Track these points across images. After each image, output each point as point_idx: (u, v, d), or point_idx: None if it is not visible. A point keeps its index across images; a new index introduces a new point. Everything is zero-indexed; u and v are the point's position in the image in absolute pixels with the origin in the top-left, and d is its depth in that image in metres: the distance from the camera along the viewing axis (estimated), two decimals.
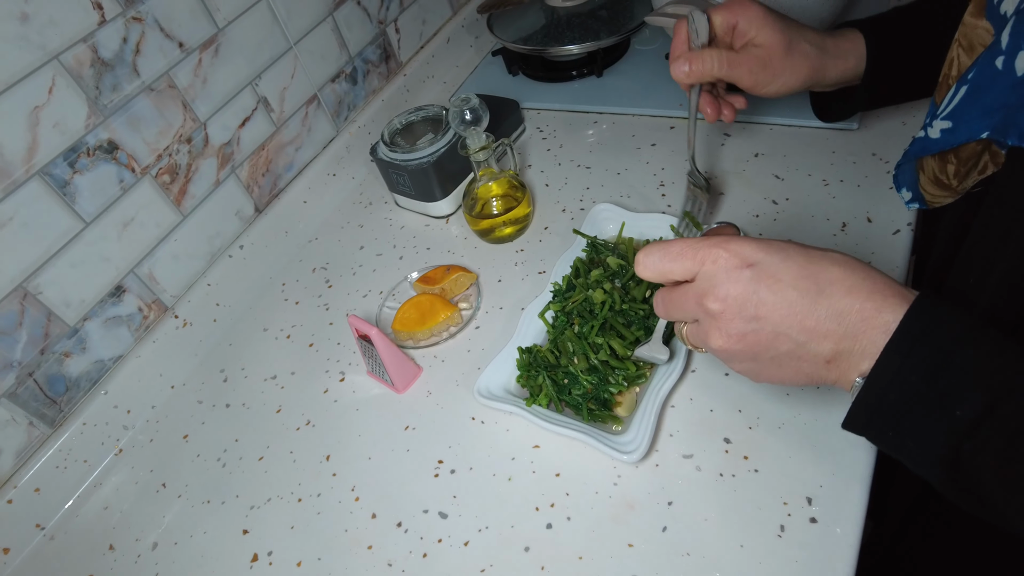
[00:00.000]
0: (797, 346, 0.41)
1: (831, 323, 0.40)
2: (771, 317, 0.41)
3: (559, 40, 1.02)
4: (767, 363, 0.43)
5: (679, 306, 0.45)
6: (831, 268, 0.40)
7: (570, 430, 0.59)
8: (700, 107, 0.66)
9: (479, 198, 0.83)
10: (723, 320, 0.42)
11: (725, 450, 0.58)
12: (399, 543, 0.59)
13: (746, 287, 0.41)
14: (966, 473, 0.37)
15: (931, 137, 0.48)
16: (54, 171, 0.67)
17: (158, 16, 0.73)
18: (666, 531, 0.54)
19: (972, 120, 0.43)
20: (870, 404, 0.40)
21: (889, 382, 0.39)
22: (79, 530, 0.70)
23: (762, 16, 0.60)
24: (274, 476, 0.68)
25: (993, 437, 0.35)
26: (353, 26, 0.99)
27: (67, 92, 0.67)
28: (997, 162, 0.47)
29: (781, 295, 0.40)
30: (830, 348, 0.40)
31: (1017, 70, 0.40)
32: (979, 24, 0.45)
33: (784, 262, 0.41)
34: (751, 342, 0.42)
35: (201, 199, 0.82)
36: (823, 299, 0.40)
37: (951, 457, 0.37)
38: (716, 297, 0.42)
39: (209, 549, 0.64)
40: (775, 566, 0.51)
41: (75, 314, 0.72)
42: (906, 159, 0.53)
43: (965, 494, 0.39)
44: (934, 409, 0.37)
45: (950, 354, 0.37)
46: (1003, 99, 0.41)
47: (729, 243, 0.42)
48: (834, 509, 0.52)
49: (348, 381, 0.74)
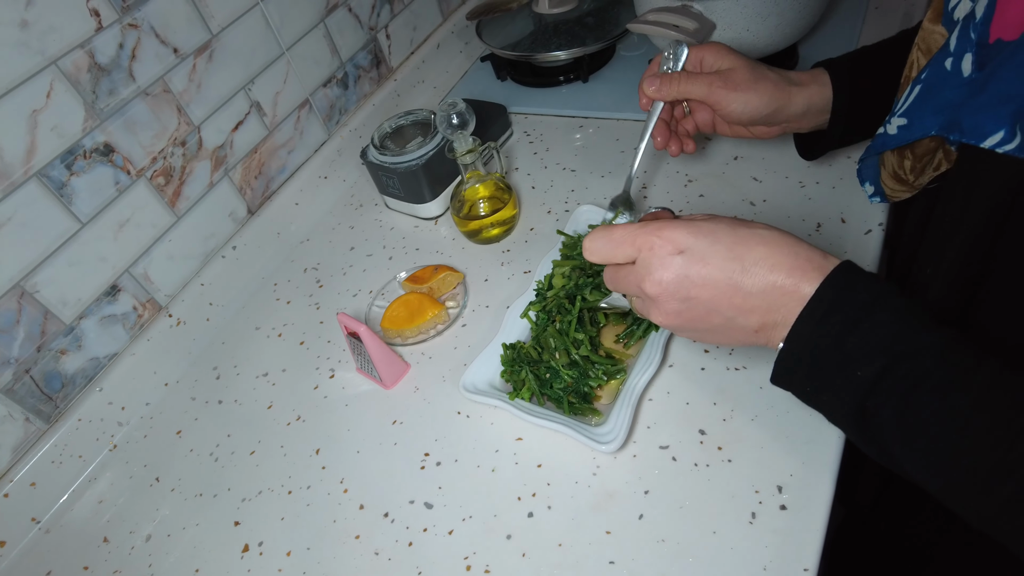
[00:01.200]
0: (727, 320, 0.46)
1: (756, 299, 0.44)
2: (701, 296, 0.45)
3: (546, 46, 1.04)
4: (704, 332, 0.48)
5: (624, 285, 0.50)
6: (756, 248, 0.44)
7: (551, 422, 0.61)
8: (653, 133, 0.68)
9: (467, 200, 0.85)
10: (660, 301, 0.47)
11: (700, 441, 0.60)
12: (386, 533, 0.61)
13: (677, 272, 0.45)
14: (871, 426, 0.41)
15: (889, 133, 0.50)
16: (52, 173, 0.69)
17: (154, 23, 0.75)
18: (642, 519, 0.56)
19: (924, 117, 0.46)
20: (789, 365, 0.45)
21: (803, 345, 0.43)
22: (74, 523, 0.72)
23: (729, 51, 0.64)
24: (265, 470, 0.70)
25: (890, 394, 0.39)
26: (345, 32, 1.01)
27: (65, 96, 0.69)
28: (950, 160, 0.50)
29: (710, 277, 0.44)
30: (756, 320, 0.45)
31: (963, 71, 0.43)
32: (936, 29, 0.48)
33: (712, 246, 0.44)
34: (687, 318, 0.47)
35: (195, 201, 0.84)
36: (748, 278, 0.44)
37: (858, 412, 0.41)
38: (652, 282, 0.46)
39: (202, 540, 0.66)
40: (746, 551, 0.53)
41: (71, 312, 0.74)
42: (868, 154, 0.56)
43: (872, 445, 0.43)
44: (842, 369, 0.41)
45: (856, 321, 0.40)
46: (951, 98, 0.43)
47: (663, 230, 0.46)
48: (803, 497, 0.55)
49: (338, 378, 0.76)
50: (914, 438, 0.39)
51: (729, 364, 0.65)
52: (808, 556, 0.51)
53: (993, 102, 0.39)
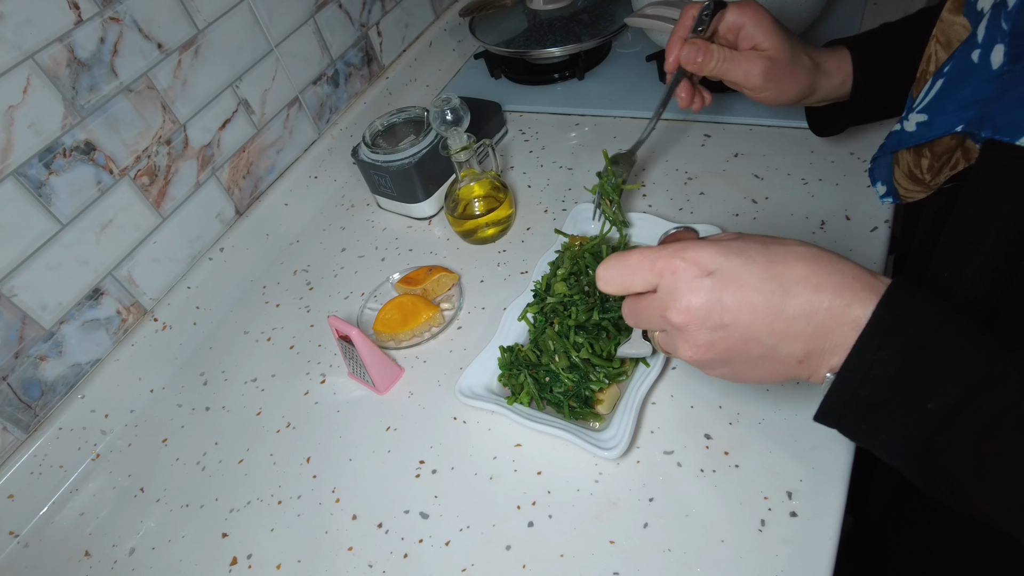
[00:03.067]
0: (768, 349, 0.40)
1: (800, 324, 0.39)
2: (738, 323, 0.40)
3: (541, 43, 1.02)
4: (740, 367, 0.42)
5: (645, 318, 0.44)
6: (796, 266, 0.39)
7: (552, 428, 0.59)
8: (676, 91, 0.66)
9: (461, 199, 0.83)
10: (689, 332, 0.41)
11: (706, 446, 0.58)
12: (380, 544, 0.59)
13: (708, 296, 0.40)
14: (939, 466, 0.37)
15: (907, 131, 0.48)
16: (29, 172, 0.66)
17: (136, 17, 0.73)
18: (647, 527, 0.54)
19: (948, 113, 0.44)
20: (842, 398, 0.39)
21: (862, 376, 0.38)
22: (54, 537, 0.69)
23: (771, 23, 0.61)
24: (254, 479, 0.67)
25: (966, 430, 0.35)
26: (335, 29, 0.99)
27: (43, 92, 0.66)
28: (969, 158, 0.47)
29: (745, 300, 0.39)
30: (801, 348, 0.40)
31: (992, 63, 0.40)
32: (956, 20, 0.46)
33: (745, 265, 0.40)
34: (721, 349, 0.41)
35: (181, 201, 0.82)
36: (790, 300, 0.39)
37: (924, 450, 0.37)
38: (678, 310, 0.41)
39: (188, 553, 0.64)
40: (756, 561, 0.51)
41: (51, 317, 0.71)
42: (882, 153, 0.53)
43: (938, 486, 0.38)
44: (907, 402, 0.37)
45: (922, 346, 0.36)
46: (979, 92, 0.41)
47: (686, 251, 0.41)
48: (814, 503, 0.53)
49: (329, 383, 0.74)
50: (994, 477, 0.35)
51: None
52: (820, 565, 0.49)
53: None
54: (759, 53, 0.61)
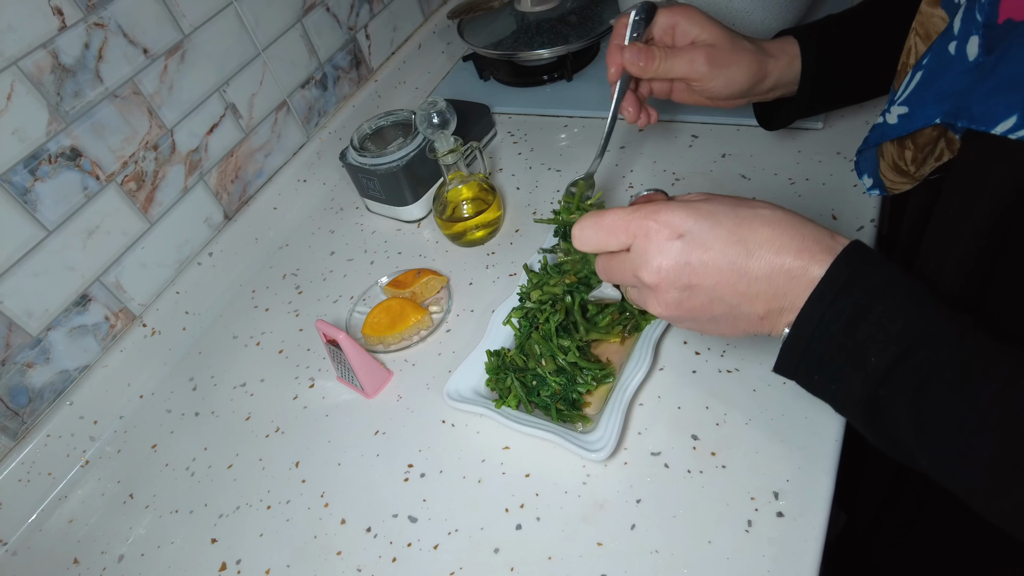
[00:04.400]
0: (730, 308, 0.43)
1: (761, 285, 0.41)
2: (703, 284, 0.42)
3: (529, 45, 1.02)
4: (706, 323, 0.45)
5: (618, 275, 0.47)
6: (761, 229, 0.41)
7: (539, 430, 0.59)
8: (622, 107, 0.65)
9: (449, 202, 0.83)
10: (659, 291, 0.44)
11: (693, 447, 0.58)
12: (368, 548, 0.59)
13: (677, 258, 0.42)
14: (883, 418, 0.39)
15: (889, 123, 0.48)
16: (14, 178, 0.66)
17: (121, 22, 0.72)
18: (635, 529, 0.54)
19: (927, 105, 0.44)
20: (796, 351, 0.42)
21: (812, 330, 0.40)
22: (43, 545, 0.68)
23: (703, 17, 0.61)
24: (243, 484, 0.67)
25: (904, 386, 0.37)
26: (323, 32, 0.99)
27: (27, 99, 0.66)
28: (952, 149, 0.48)
29: (712, 263, 0.42)
30: (762, 307, 0.42)
31: (968, 55, 0.41)
32: (935, 12, 0.46)
33: (713, 229, 0.42)
34: (687, 308, 0.44)
35: (169, 206, 0.82)
36: (753, 262, 0.41)
37: (869, 401, 0.39)
38: (650, 271, 0.43)
39: (177, 559, 0.63)
40: (743, 561, 0.51)
41: (38, 324, 0.71)
42: (866, 145, 0.54)
43: (883, 438, 0.41)
44: (853, 356, 0.39)
45: (869, 305, 0.38)
46: (956, 84, 0.42)
47: (659, 214, 0.43)
48: (801, 503, 0.53)
49: (318, 387, 0.74)
50: (929, 432, 0.37)
51: (721, 366, 0.63)
52: (807, 565, 0.49)
53: (1004, 86, 0.37)
54: (698, 44, 0.60)
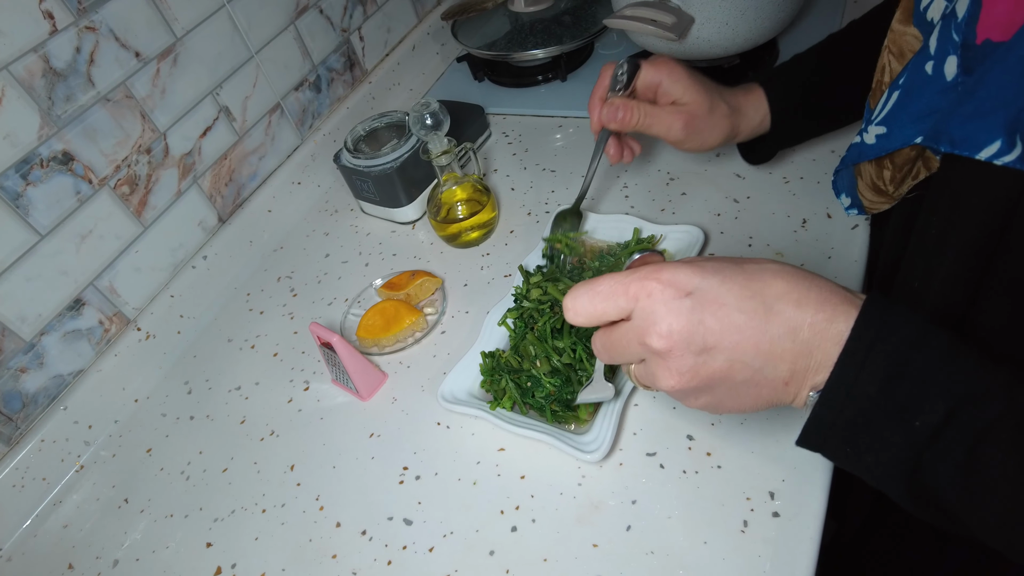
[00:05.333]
0: (754, 372, 0.38)
1: (785, 342, 0.37)
2: (722, 346, 0.37)
3: (523, 45, 1.02)
4: (724, 394, 0.40)
5: (621, 349, 0.41)
6: (774, 282, 0.37)
7: (534, 432, 0.59)
8: (606, 148, 0.68)
9: (444, 203, 0.83)
10: (671, 358, 0.38)
11: (688, 447, 0.58)
12: (364, 551, 0.59)
13: (689, 318, 0.37)
14: (927, 485, 0.35)
15: (867, 143, 0.48)
16: (6, 183, 0.66)
17: (112, 26, 0.72)
18: (630, 530, 0.54)
19: (905, 125, 0.43)
20: (826, 420, 0.38)
21: (846, 395, 0.36)
22: (37, 550, 0.68)
23: (687, 77, 0.61)
24: (238, 488, 0.67)
25: (953, 446, 0.34)
26: (316, 35, 0.98)
27: (18, 103, 0.66)
28: (930, 167, 0.47)
29: (729, 320, 0.37)
30: (787, 369, 0.38)
31: (946, 75, 0.40)
32: (907, 31, 0.46)
33: (724, 283, 0.37)
34: (704, 376, 0.38)
35: (162, 210, 0.81)
36: (773, 317, 0.37)
37: (911, 470, 0.35)
38: (659, 334, 0.38)
39: (172, 564, 0.63)
40: (739, 561, 0.51)
41: (31, 329, 0.71)
42: (843, 165, 0.53)
43: (926, 506, 0.37)
44: (892, 420, 0.35)
45: (906, 361, 0.35)
46: (934, 104, 0.41)
47: (661, 272, 0.38)
48: (796, 503, 0.53)
49: (313, 390, 0.73)
50: (981, 496, 0.34)
51: None
52: (803, 564, 0.49)
53: (985, 109, 0.36)
54: (679, 108, 0.61)
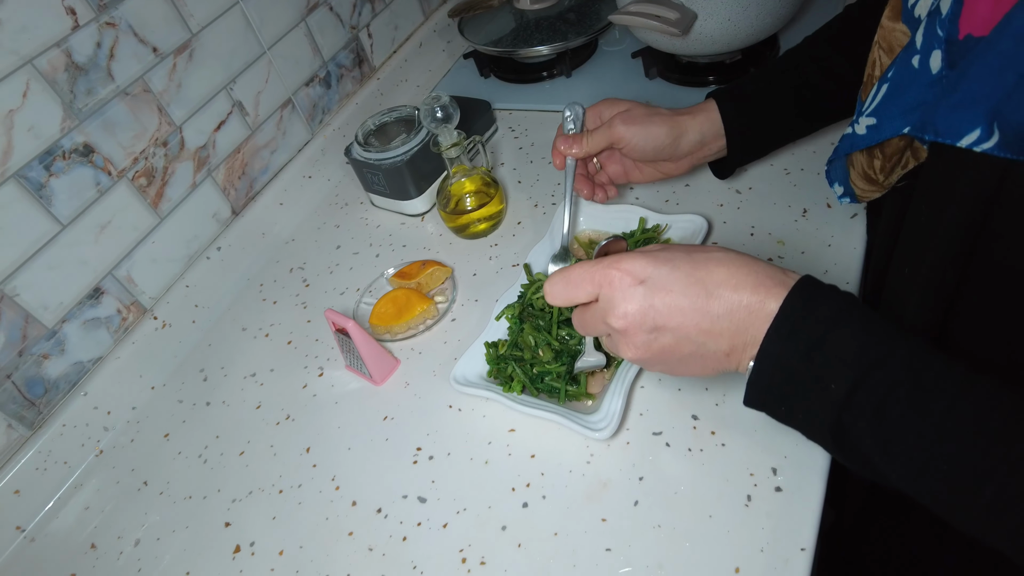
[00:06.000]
0: (698, 347, 0.45)
1: (723, 322, 0.43)
2: (668, 325, 0.44)
3: (528, 42, 1.04)
4: (675, 364, 0.47)
5: (591, 326, 0.49)
6: (716, 270, 0.44)
7: (544, 412, 0.61)
8: (576, 188, 0.73)
9: (453, 195, 0.85)
10: (628, 335, 0.46)
11: (693, 426, 0.60)
12: (379, 528, 0.61)
13: (641, 302, 0.44)
14: (850, 440, 0.41)
15: (858, 134, 0.50)
16: (29, 174, 0.68)
17: (132, 22, 0.74)
18: (638, 505, 0.56)
19: (894, 117, 0.46)
20: (760, 385, 0.44)
21: (773, 364, 0.42)
22: (60, 531, 0.70)
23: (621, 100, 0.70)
24: (255, 470, 0.69)
25: (864, 406, 0.39)
26: (326, 31, 1.01)
27: (41, 96, 0.68)
28: (918, 157, 0.50)
29: (674, 304, 0.44)
30: (726, 343, 0.44)
31: (932, 69, 0.42)
32: (896, 27, 0.48)
33: (672, 272, 0.44)
34: (656, 349, 0.46)
35: (178, 202, 0.83)
36: (713, 301, 0.43)
37: (834, 427, 0.41)
38: (616, 315, 0.45)
39: (192, 543, 0.65)
40: (743, 534, 0.53)
41: (53, 316, 0.73)
42: (836, 155, 0.56)
43: (854, 460, 0.42)
44: (813, 385, 0.41)
45: (824, 335, 0.40)
46: (921, 96, 0.43)
47: (621, 263, 0.45)
48: (798, 477, 0.55)
49: (327, 376, 0.75)
50: (891, 448, 0.39)
51: None
52: (805, 536, 0.51)
53: (967, 100, 0.39)
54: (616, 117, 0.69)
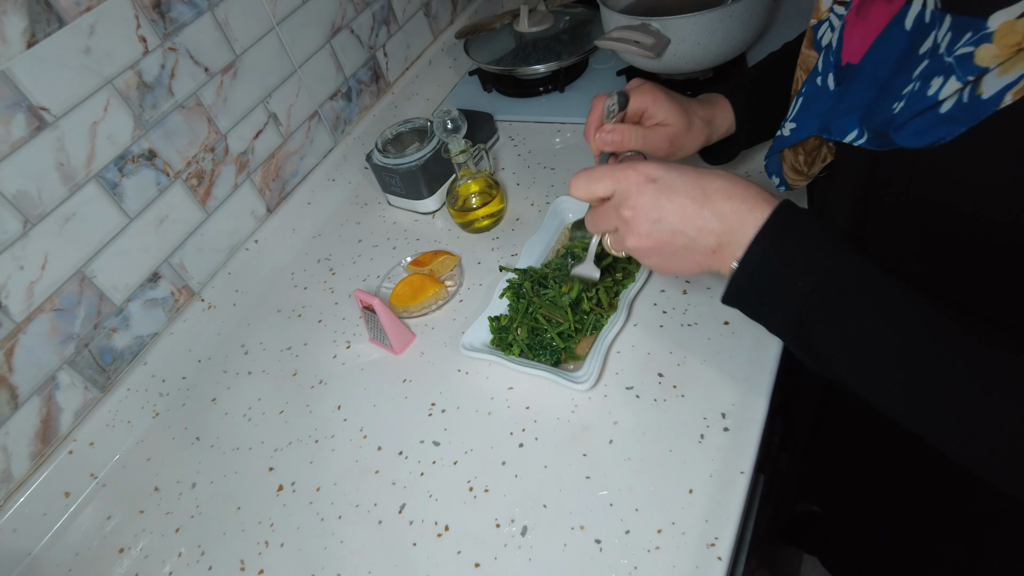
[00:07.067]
0: (690, 240, 0.53)
1: (715, 222, 0.52)
2: (669, 219, 0.53)
3: (527, 61, 1.17)
4: (669, 256, 0.56)
5: (603, 218, 0.58)
6: (716, 181, 0.53)
7: (538, 370, 0.74)
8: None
9: (460, 195, 0.98)
10: (634, 223, 0.55)
11: (659, 382, 0.73)
12: (401, 467, 0.73)
13: (650, 197, 0.54)
14: (805, 333, 0.50)
15: (784, 135, 0.63)
16: (107, 175, 0.81)
17: (189, 47, 0.88)
18: (612, 443, 0.69)
19: (807, 122, 0.59)
20: (742, 282, 0.53)
21: (756, 264, 0.51)
22: (127, 478, 0.83)
23: (668, 101, 0.72)
24: (293, 425, 0.82)
25: (822, 302, 0.48)
26: (348, 51, 1.14)
27: (118, 110, 0.81)
28: (832, 153, 0.63)
29: (676, 202, 0.53)
30: (715, 240, 0.53)
31: (829, 86, 0.56)
32: (810, 53, 0.61)
33: (680, 177, 0.54)
34: (656, 239, 0.55)
35: (222, 200, 0.96)
36: (708, 203, 0.52)
37: (796, 320, 0.50)
38: (628, 206, 0.55)
39: (241, 483, 0.78)
40: (696, 464, 0.65)
41: (121, 296, 0.86)
42: (771, 152, 0.69)
43: (813, 356, 0.51)
44: (784, 284, 0.50)
45: (800, 245, 0.49)
46: (823, 107, 0.57)
47: (638, 165, 0.55)
48: (742, 420, 0.67)
49: (353, 348, 0.88)
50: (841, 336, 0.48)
51: (683, 321, 0.77)
52: (744, 463, 0.64)
53: (848, 110, 0.52)
54: (663, 128, 0.71)
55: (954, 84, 0.41)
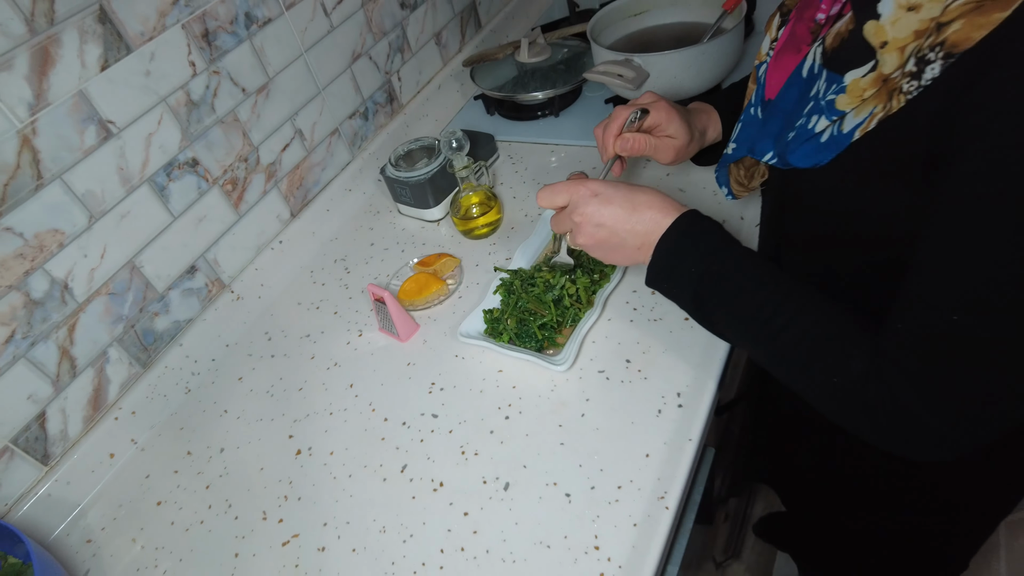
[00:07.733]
0: (621, 240, 0.71)
1: (640, 226, 0.70)
2: (607, 224, 0.71)
3: (526, 88, 1.31)
4: (608, 251, 0.73)
5: (562, 222, 0.76)
6: (643, 195, 0.70)
7: (523, 355, 0.86)
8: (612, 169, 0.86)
9: (462, 206, 1.10)
10: (582, 226, 0.73)
11: (626, 366, 0.85)
12: (404, 435, 0.85)
13: (593, 207, 0.71)
14: (702, 306, 0.67)
15: (728, 153, 0.76)
16: (157, 179, 0.94)
17: (230, 70, 1.01)
18: (584, 416, 0.81)
19: (742, 143, 0.72)
20: (655, 269, 0.70)
21: (662, 255, 0.68)
22: (162, 443, 0.95)
23: (678, 118, 0.84)
24: (311, 400, 0.94)
25: (709, 283, 0.65)
26: (366, 75, 1.27)
27: (169, 124, 0.94)
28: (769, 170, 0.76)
29: (612, 211, 0.70)
30: (639, 240, 0.70)
31: (758, 116, 0.69)
32: (752, 87, 0.74)
33: (616, 192, 0.71)
34: (597, 239, 0.72)
35: (252, 204, 1.09)
36: (636, 212, 0.70)
37: (696, 297, 0.67)
38: (578, 213, 0.72)
39: (264, 448, 0.90)
40: (654, 432, 0.77)
41: (163, 284, 0.98)
42: (720, 166, 0.81)
43: (706, 321, 0.69)
44: (682, 270, 0.67)
45: (695, 242, 0.67)
46: (752, 131, 0.69)
47: (586, 183, 0.73)
48: (694, 399, 0.79)
49: (364, 336, 1.00)
50: (723, 308, 0.65)
51: (650, 316, 0.90)
52: (694, 432, 0.76)
53: (766, 135, 0.65)
54: (671, 140, 0.84)
55: (825, 121, 0.54)
